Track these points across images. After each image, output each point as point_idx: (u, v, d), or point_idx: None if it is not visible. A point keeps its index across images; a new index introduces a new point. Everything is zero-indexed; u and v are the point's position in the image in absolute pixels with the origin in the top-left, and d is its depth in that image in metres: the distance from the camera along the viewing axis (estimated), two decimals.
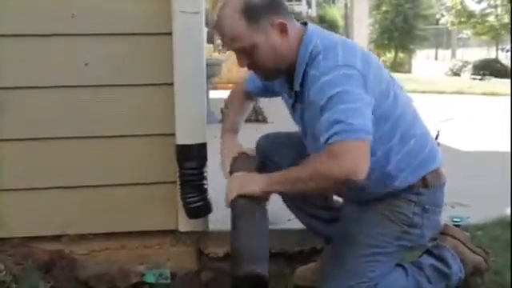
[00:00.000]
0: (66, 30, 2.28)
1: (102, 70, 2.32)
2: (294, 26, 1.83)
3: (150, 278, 2.40)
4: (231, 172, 1.98)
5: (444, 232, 2.18)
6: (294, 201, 2.22)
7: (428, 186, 1.94)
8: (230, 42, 1.80)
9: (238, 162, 2.03)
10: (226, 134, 2.17)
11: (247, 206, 1.76)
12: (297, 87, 1.85)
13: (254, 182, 1.78)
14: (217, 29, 1.80)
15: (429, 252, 2.12)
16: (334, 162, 1.62)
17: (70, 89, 2.32)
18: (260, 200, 1.79)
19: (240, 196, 1.77)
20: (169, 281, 2.41)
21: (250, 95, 2.28)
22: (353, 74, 1.71)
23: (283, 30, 1.78)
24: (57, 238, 2.39)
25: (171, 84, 2.30)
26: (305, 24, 1.89)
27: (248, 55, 1.80)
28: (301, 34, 1.85)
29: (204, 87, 2.32)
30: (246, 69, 1.90)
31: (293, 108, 1.95)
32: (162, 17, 2.28)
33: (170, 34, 2.27)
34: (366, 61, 1.80)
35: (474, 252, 2.14)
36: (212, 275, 2.47)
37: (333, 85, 1.68)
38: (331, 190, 2.07)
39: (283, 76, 1.92)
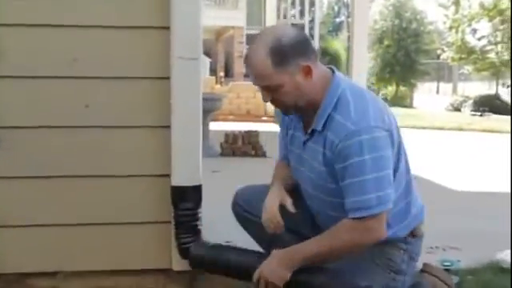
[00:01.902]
0: (68, 72, 2.35)
1: (101, 112, 2.38)
2: (319, 69, 1.91)
3: None
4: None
5: (422, 269, 2.22)
6: (271, 248, 2.25)
7: (416, 236, 2.03)
8: (256, 80, 1.88)
9: None
10: (276, 182, 2.16)
11: None
12: (319, 127, 1.90)
13: (279, 274, 1.91)
14: (246, 66, 1.90)
15: None
16: (369, 234, 1.82)
17: (70, 129, 2.38)
18: None
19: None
20: None
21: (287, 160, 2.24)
22: (383, 136, 1.82)
23: (308, 73, 1.86)
24: (52, 274, 2.42)
25: (168, 127, 2.36)
26: (331, 69, 1.97)
27: (272, 92, 1.88)
28: (327, 76, 1.93)
29: (199, 131, 2.38)
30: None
31: (303, 145, 2.00)
32: (160, 62, 2.35)
33: (168, 78, 2.34)
34: (391, 117, 1.92)
35: None
36: None
37: (364, 149, 1.79)
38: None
39: (300, 113, 1.99)
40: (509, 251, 2.77)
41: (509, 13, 18.46)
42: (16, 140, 2.36)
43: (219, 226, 3.00)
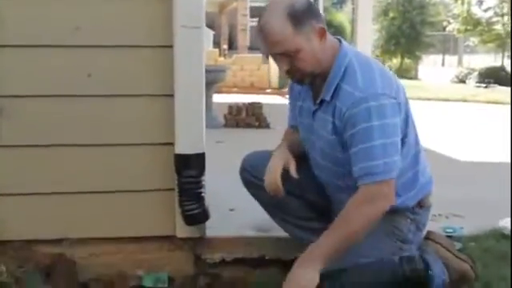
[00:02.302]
0: (69, 41, 2.35)
1: (103, 81, 2.39)
2: (329, 37, 1.92)
3: (148, 282, 2.46)
4: None
5: (426, 236, 2.24)
6: (277, 212, 2.29)
7: (423, 206, 2.06)
8: (274, 46, 1.86)
9: None
10: (283, 144, 2.20)
11: None
12: (327, 97, 1.91)
13: (310, 278, 1.77)
14: (261, 34, 1.87)
15: None
16: (379, 200, 1.80)
17: (72, 98, 2.39)
18: None
19: None
20: (166, 285, 2.47)
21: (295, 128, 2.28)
22: (391, 104, 1.82)
23: (322, 35, 1.87)
24: (58, 241, 2.45)
25: (171, 95, 2.37)
26: (338, 40, 1.98)
27: (289, 59, 1.86)
28: (335, 46, 1.94)
29: (203, 98, 2.38)
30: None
31: (313, 115, 2.01)
32: (163, 30, 2.34)
33: (171, 47, 2.33)
34: (399, 87, 1.91)
35: (458, 258, 2.18)
36: (208, 280, 2.52)
37: (372, 115, 1.78)
38: None
39: (312, 83, 1.98)
40: (509, 219, 2.78)
41: None
42: (17, 109, 2.37)
43: (223, 194, 3.03)
